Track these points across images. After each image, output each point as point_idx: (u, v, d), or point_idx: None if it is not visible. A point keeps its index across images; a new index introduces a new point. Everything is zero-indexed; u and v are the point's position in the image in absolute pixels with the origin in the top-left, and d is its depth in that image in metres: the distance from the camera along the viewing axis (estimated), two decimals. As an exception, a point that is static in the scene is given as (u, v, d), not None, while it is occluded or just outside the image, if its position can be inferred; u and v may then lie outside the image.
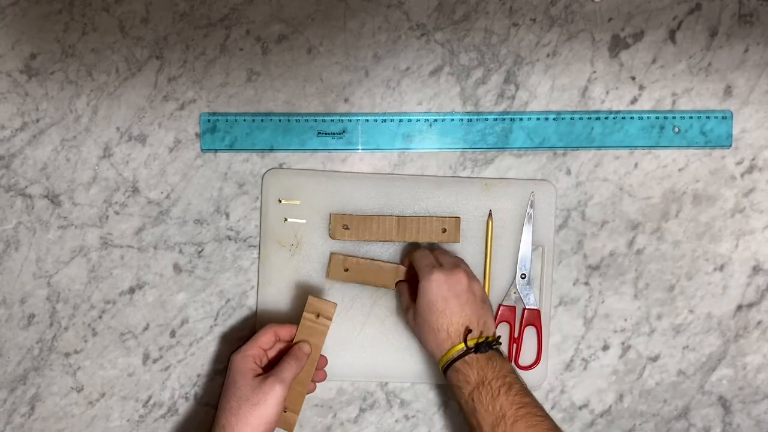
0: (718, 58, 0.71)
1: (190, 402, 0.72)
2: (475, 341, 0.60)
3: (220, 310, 0.71)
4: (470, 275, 0.64)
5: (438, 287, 0.62)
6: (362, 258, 0.69)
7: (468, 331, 0.61)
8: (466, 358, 0.60)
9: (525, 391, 0.59)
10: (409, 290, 0.68)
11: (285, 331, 0.65)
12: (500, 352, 0.62)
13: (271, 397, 0.60)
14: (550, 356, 0.71)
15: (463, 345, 0.60)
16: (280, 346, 0.66)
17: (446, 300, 0.62)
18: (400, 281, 0.69)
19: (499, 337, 0.62)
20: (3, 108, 0.70)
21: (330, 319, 0.64)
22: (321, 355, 0.66)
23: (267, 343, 0.64)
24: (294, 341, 0.65)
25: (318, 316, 0.64)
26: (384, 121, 0.70)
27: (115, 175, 0.70)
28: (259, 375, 0.62)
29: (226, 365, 0.71)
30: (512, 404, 0.58)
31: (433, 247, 0.70)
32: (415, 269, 0.66)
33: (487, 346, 0.60)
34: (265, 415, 0.60)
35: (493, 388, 0.58)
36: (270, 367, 0.64)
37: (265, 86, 0.70)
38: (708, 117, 0.70)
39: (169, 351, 0.71)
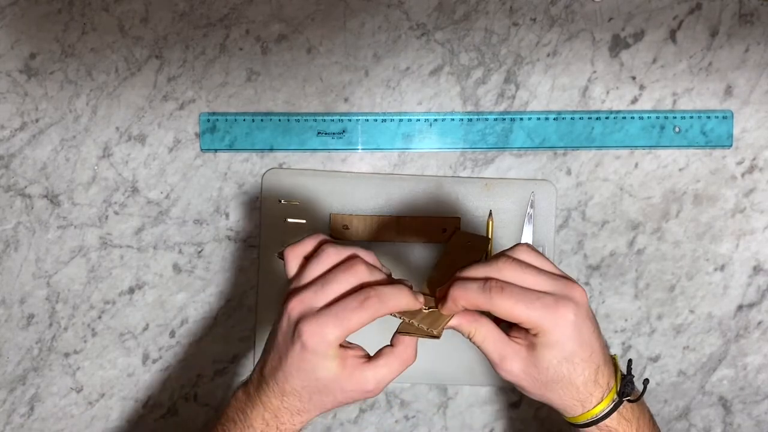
0: (718, 57, 0.70)
1: (190, 402, 0.71)
2: (619, 380, 0.48)
3: (220, 310, 0.71)
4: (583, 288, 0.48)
5: (579, 331, 0.45)
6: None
7: (622, 374, 0.48)
8: (628, 405, 0.48)
9: None
10: (490, 325, 0.48)
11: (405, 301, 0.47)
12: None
13: (377, 393, 0.49)
14: (551, 356, 0.71)
15: (614, 393, 0.48)
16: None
17: (591, 345, 0.46)
18: (466, 315, 0.48)
19: (630, 361, 0.49)
20: (2, 108, 0.69)
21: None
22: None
23: (362, 324, 0.46)
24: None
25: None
26: (384, 121, 0.70)
27: (114, 175, 0.70)
28: (360, 358, 0.48)
29: (226, 366, 0.71)
30: None
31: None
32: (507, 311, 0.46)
33: (631, 384, 0.48)
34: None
35: None
36: None
37: (265, 86, 0.70)
38: (708, 117, 0.70)
39: (168, 351, 0.71)
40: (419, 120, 0.70)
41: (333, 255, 0.48)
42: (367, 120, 0.70)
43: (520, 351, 0.47)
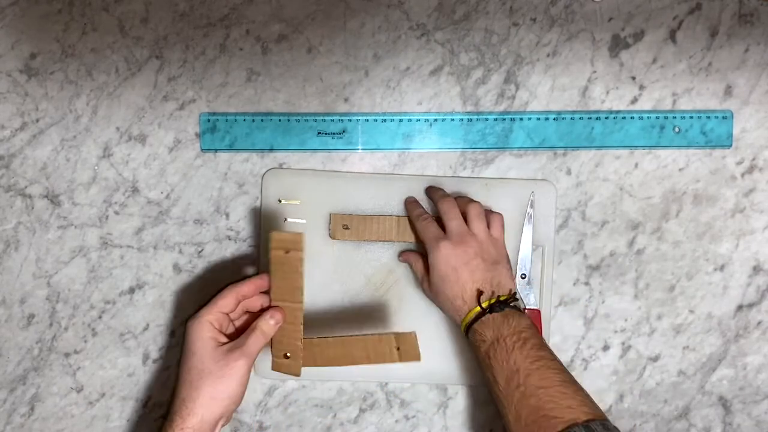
0: (718, 57, 0.70)
1: (190, 402, 0.71)
2: (488, 302, 0.61)
3: (220, 310, 0.71)
4: (479, 239, 0.64)
5: (446, 259, 0.63)
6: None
7: (480, 293, 0.61)
8: (483, 318, 0.61)
9: (540, 345, 0.59)
10: (419, 258, 0.68)
11: (247, 288, 0.61)
12: (518, 310, 0.62)
13: (236, 371, 0.58)
14: (551, 356, 0.71)
15: (478, 308, 0.61)
16: (249, 304, 0.62)
17: (456, 270, 0.62)
18: (405, 252, 0.70)
19: (515, 294, 0.63)
20: (3, 108, 0.69)
21: (300, 251, 0.59)
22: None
23: (227, 306, 0.60)
24: (270, 287, 0.61)
25: (287, 251, 0.60)
26: (384, 121, 0.70)
27: (114, 175, 0.70)
28: (221, 344, 0.59)
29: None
30: (526, 358, 0.58)
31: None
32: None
33: (502, 305, 0.61)
34: (230, 389, 0.58)
35: (508, 344, 0.59)
36: (238, 332, 0.61)
37: (265, 86, 0.70)
38: (708, 117, 0.70)
39: (169, 351, 0.71)
40: (419, 120, 0.70)
41: None
42: (367, 120, 0.70)
43: (427, 275, 0.66)
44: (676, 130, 0.70)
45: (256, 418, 0.72)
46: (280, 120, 0.70)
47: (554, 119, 0.70)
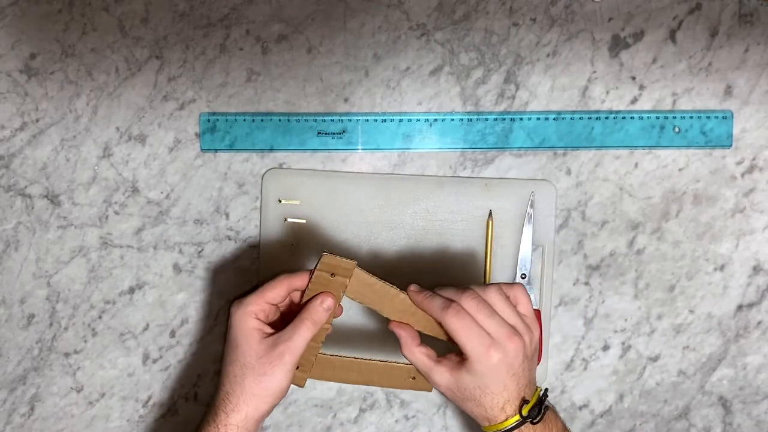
0: (718, 58, 0.70)
1: (190, 402, 0.71)
2: (529, 407, 0.55)
3: (220, 311, 0.71)
4: (520, 331, 0.55)
5: (497, 373, 0.54)
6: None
7: (524, 402, 0.55)
8: (522, 428, 0.55)
9: None
10: (415, 337, 0.58)
11: (300, 281, 0.57)
12: (551, 407, 0.57)
13: (279, 369, 0.54)
14: (551, 356, 0.71)
15: (518, 417, 0.55)
16: (294, 295, 0.59)
17: (503, 382, 0.54)
18: (397, 324, 0.58)
19: (546, 390, 0.57)
20: (3, 108, 0.69)
21: (348, 278, 0.56)
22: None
23: (277, 299, 0.56)
24: (304, 299, 0.57)
25: (333, 275, 0.56)
26: (384, 121, 0.70)
27: (114, 175, 0.70)
28: (266, 336, 0.55)
29: (226, 365, 0.72)
30: None
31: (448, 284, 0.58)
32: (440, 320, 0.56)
33: (541, 407, 0.55)
34: (274, 386, 0.55)
35: None
36: (281, 324, 0.57)
37: (265, 86, 0.70)
38: (708, 117, 0.70)
39: (169, 351, 0.71)
40: (419, 120, 0.70)
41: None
42: (367, 120, 0.70)
43: (445, 371, 0.56)
44: (676, 130, 0.70)
45: (256, 418, 0.72)
46: (280, 120, 0.70)
47: (554, 119, 0.70)
